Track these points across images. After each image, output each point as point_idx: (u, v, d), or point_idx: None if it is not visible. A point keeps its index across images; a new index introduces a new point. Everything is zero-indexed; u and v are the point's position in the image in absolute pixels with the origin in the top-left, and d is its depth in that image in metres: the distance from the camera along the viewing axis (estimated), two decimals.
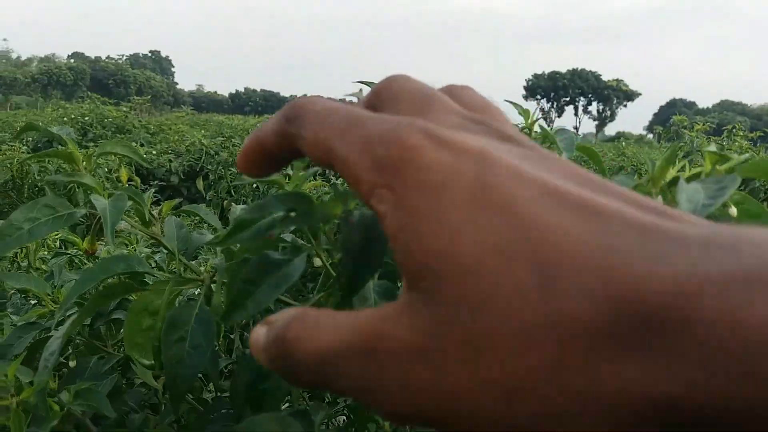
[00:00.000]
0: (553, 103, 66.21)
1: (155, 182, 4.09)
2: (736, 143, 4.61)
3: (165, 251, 0.91)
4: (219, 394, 0.66)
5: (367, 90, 0.57)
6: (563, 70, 68.68)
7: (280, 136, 0.23)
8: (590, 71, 68.28)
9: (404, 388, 0.17)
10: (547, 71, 68.39)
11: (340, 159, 0.20)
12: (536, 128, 0.61)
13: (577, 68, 68.66)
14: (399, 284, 0.43)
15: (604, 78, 68.98)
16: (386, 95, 0.24)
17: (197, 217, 0.49)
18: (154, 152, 5.15)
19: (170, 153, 5.07)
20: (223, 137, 5.14)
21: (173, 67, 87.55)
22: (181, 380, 0.39)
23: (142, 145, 5.95)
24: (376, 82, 0.45)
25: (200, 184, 3.97)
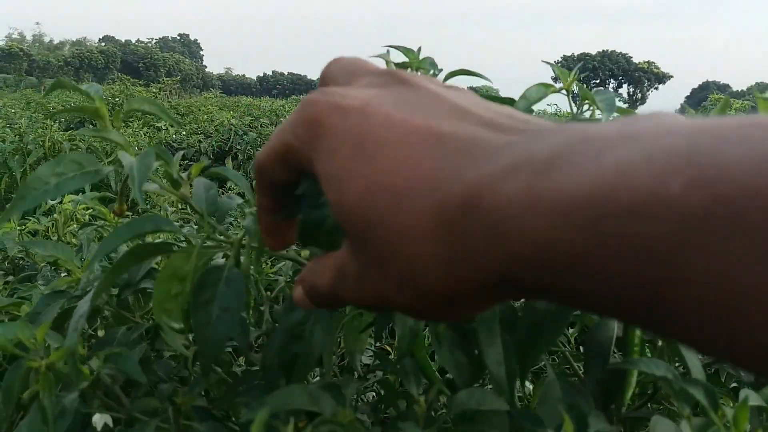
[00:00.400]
0: (583, 85, 65.29)
1: (185, 162, 4.11)
2: None
3: (194, 222, 0.91)
4: (249, 367, 0.65)
5: (395, 53, 0.55)
6: (593, 52, 67.54)
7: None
8: (621, 53, 67.03)
9: (359, 291, 0.26)
10: (576, 53, 67.26)
11: (289, 146, 0.27)
12: (574, 88, 0.59)
13: (607, 50, 67.49)
14: None
15: (635, 60, 67.68)
16: (326, 74, 0.30)
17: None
18: (183, 132, 5.19)
19: (200, 134, 5.09)
20: (251, 117, 5.15)
21: (202, 50, 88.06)
22: (210, 344, 0.37)
23: (171, 126, 6.00)
24: (405, 46, 0.52)
25: (229, 164, 3.97)
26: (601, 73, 65.03)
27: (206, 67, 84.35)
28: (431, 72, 0.56)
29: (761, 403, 0.45)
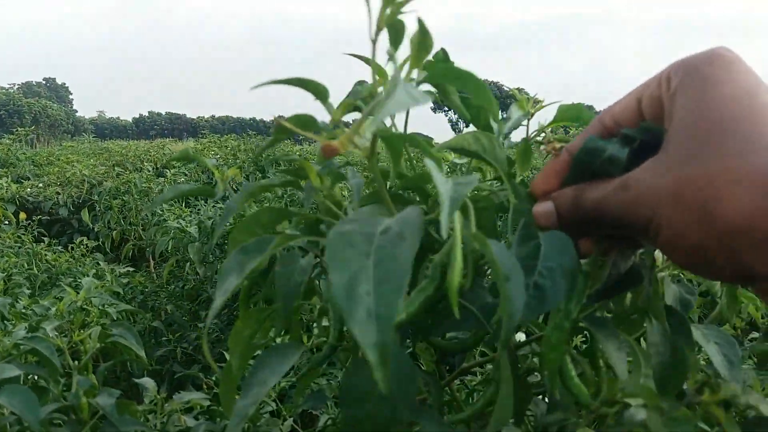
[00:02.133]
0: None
1: (39, 216, 3.79)
2: None
3: None
4: None
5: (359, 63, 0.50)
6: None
7: None
8: (492, 81, 70.65)
9: (649, 203, 0.35)
10: None
11: None
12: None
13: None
14: None
15: (506, 87, 71.55)
16: None
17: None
18: (40, 185, 4.83)
19: (57, 185, 4.75)
20: (105, 166, 4.86)
21: (71, 94, 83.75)
22: None
23: (27, 178, 5.57)
24: (363, 55, 0.50)
25: (85, 215, 3.71)
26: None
27: (77, 111, 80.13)
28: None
29: None
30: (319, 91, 0.41)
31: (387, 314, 0.24)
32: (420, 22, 0.38)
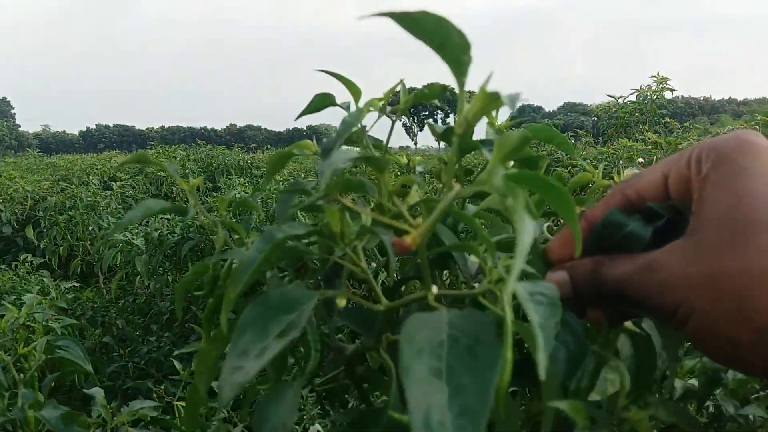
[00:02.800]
0: (414, 118, 68.30)
1: None
2: (583, 140, 4.96)
3: None
4: None
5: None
6: (419, 86, 71.05)
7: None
8: (443, 84, 71.16)
9: (671, 290, 0.34)
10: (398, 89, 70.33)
11: None
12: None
13: (431, 83, 71.28)
14: None
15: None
16: None
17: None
18: None
19: (0, 202, 4.62)
20: (49, 181, 4.75)
21: (13, 109, 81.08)
22: None
23: None
24: (338, 72, 0.53)
25: (30, 232, 3.63)
26: (429, 105, 68.46)
27: (20, 126, 77.65)
28: None
29: None
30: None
31: None
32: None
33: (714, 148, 0.36)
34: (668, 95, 4.58)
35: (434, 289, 0.35)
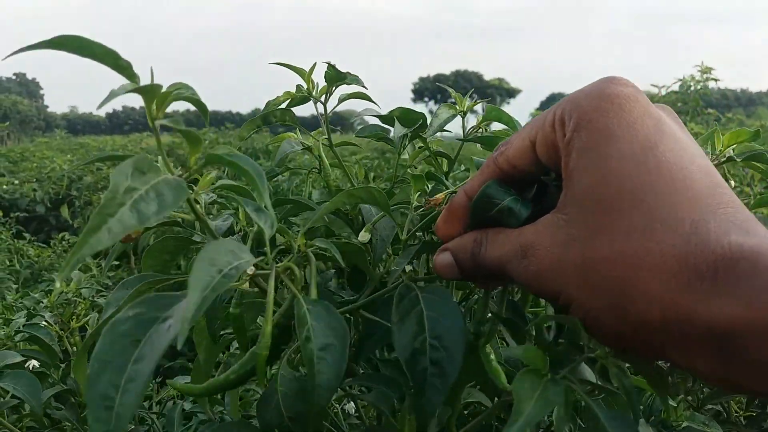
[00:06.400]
0: (439, 105, 67.99)
1: (16, 213, 3.76)
2: None
3: None
4: None
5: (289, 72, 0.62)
6: (447, 72, 70.62)
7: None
8: (473, 72, 70.62)
9: (543, 272, 0.32)
10: (432, 74, 70.07)
11: None
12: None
13: (460, 69, 70.83)
14: None
15: (486, 77, 71.58)
16: None
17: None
18: (16, 182, 4.77)
19: (34, 181, 4.71)
20: (82, 161, 4.79)
21: (42, 89, 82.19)
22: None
23: (3, 175, 5.50)
24: (293, 65, 0.63)
25: (65, 211, 3.69)
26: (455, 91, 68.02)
27: (48, 107, 78.64)
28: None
29: None
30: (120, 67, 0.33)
31: None
32: None
33: (576, 107, 0.33)
34: (712, 85, 4.40)
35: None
